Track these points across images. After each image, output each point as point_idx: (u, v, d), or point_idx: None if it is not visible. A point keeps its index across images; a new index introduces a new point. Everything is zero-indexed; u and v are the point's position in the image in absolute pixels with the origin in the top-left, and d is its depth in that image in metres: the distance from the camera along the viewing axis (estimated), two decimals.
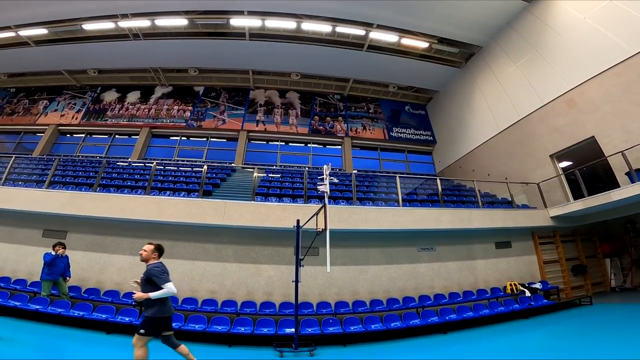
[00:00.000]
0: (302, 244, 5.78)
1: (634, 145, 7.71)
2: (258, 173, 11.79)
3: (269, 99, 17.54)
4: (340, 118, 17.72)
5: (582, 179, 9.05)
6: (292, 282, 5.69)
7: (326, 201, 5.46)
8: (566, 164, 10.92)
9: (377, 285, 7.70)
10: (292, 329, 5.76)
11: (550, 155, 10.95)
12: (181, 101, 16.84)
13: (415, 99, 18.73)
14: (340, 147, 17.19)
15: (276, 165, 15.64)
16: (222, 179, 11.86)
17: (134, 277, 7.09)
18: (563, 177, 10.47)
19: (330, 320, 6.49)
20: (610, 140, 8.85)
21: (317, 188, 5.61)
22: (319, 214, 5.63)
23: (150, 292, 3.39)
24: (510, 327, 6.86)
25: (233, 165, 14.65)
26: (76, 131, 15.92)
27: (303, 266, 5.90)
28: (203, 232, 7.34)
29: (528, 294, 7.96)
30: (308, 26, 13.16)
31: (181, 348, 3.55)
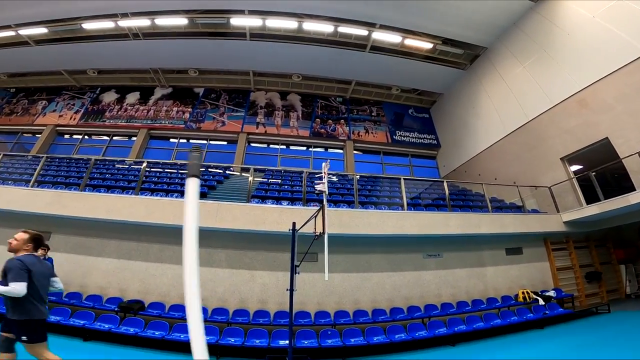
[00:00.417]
0: (300, 249, 5.32)
1: None
2: (255, 177, 11.42)
3: (269, 101, 17.26)
4: (342, 121, 17.38)
5: (592, 183, 8.76)
6: (286, 290, 5.21)
7: (325, 202, 5.02)
8: (575, 167, 10.53)
9: (380, 294, 7.23)
10: (286, 341, 5.27)
11: (562, 158, 10.53)
12: (181, 102, 16.60)
13: (418, 102, 18.38)
14: (342, 150, 16.78)
15: (276, 169, 15.20)
16: (218, 182, 11.48)
17: (120, 282, 6.79)
18: (575, 180, 10.04)
19: (329, 332, 6.00)
20: (625, 141, 8.47)
21: (315, 187, 5.16)
22: (317, 216, 5.17)
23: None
24: (525, 337, 6.39)
25: (231, 165, 14.29)
26: (74, 132, 15.70)
27: (299, 273, 5.40)
28: None
29: (542, 302, 7.56)
30: (310, 26, 12.91)
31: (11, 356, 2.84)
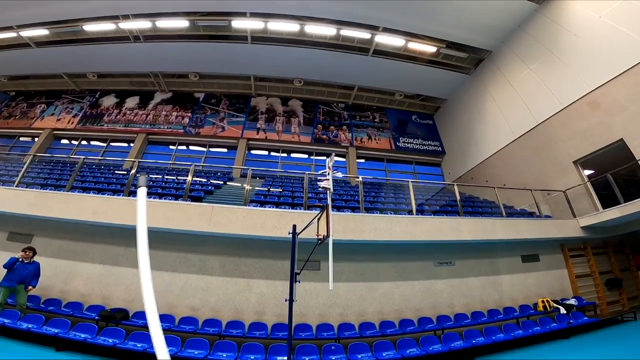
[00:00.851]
0: (300, 256, 4.80)
1: None
2: (255, 185, 11.02)
3: (270, 106, 17.01)
4: (344, 127, 17.07)
5: (608, 186, 8.39)
6: (285, 300, 4.66)
7: (329, 201, 4.51)
8: (587, 171, 10.15)
9: (387, 305, 6.69)
10: (285, 357, 4.69)
11: (574, 162, 10.13)
12: (180, 107, 16.36)
13: (422, 108, 18.10)
14: (344, 158, 16.37)
15: (276, 176, 14.76)
16: (216, 187, 11.04)
17: (104, 289, 6.27)
18: (589, 184, 9.64)
19: (333, 347, 5.41)
20: None
21: (318, 184, 4.65)
22: (320, 218, 4.66)
23: None
24: (550, 349, 5.86)
25: (230, 166, 13.88)
26: (71, 136, 15.40)
27: (299, 282, 4.84)
28: (186, 241, 6.45)
29: (563, 311, 7.13)
30: (312, 29, 12.74)
31: None
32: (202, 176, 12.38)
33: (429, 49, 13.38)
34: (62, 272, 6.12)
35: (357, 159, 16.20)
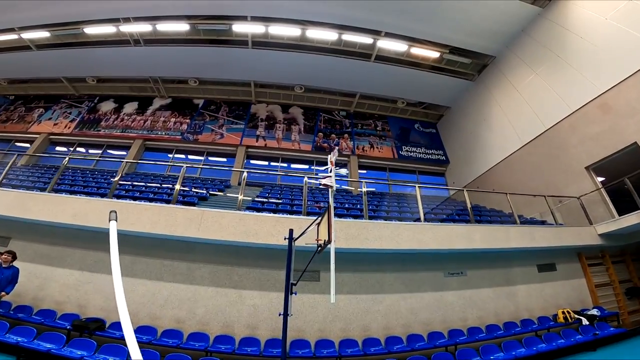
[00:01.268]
0: (298, 266, 4.28)
1: None
2: (250, 192, 10.58)
3: (271, 113, 16.77)
4: (346, 135, 16.76)
5: (621, 192, 8.16)
6: (279, 315, 4.09)
7: (331, 201, 3.96)
8: (599, 178, 9.75)
9: (394, 319, 6.12)
10: None
11: (587, 167, 9.72)
12: (179, 113, 16.11)
13: (424, 117, 17.84)
14: (346, 167, 15.97)
15: (276, 185, 14.32)
16: (212, 194, 10.61)
17: (81, 296, 5.73)
18: (603, 190, 9.20)
19: None
20: None
21: (319, 182, 4.12)
22: (320, 223, 4.13)
23: None
24: None
25: (230, 168, 13.46)
26: (67, 141, 15.10)
27: (295, 293, 4.26)
28: (173, 247, 5.96)
29: (586, 322, 6.69)
30: (313, 33, 12.61)
31: None
32: (199, 184, 11.97)
33: (432, 54, 13.20)
34: (37, 278, 5.62)
35: (359, 168, 15.79)
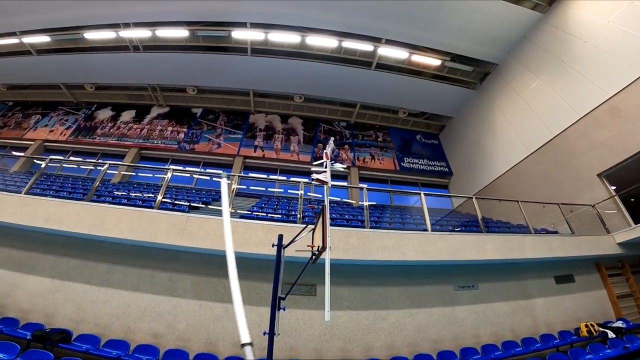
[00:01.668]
0: (291, 278, 3.65)
1: None
2: (245, 203, 10.10)
3: (269, 123, 16.52)
4: (346, 146, 16.42)
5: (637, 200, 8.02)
6: (264, 334, 3.40)
7: (326, 201, 3.44)
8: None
9: (399, 337, 5.52)
10: None
11: (598, 175, 9.27)
12: (177, 122, 15.89)
13: (426, 128, 17.57)
14: (346, 179, 15.52)
15: (273, 197, 13.85)
16: (205, 203, 10.10)
17: (48, 305, 5.14)
18: (617, 198, 8.80)
19: None
20: None
21: (312, 177, 3.60)
22: (315, 227, 3.54)
23: None
24: None
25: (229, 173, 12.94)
26: (62, 148, 14.81)
27: (284, 309, 3.53)
28: (154, 256, 5.45)
29: (612, 335, 6.24)
30: (313, 40, 12.51)
31: None
32: (193, 194, 11.51)
33: (433, 62, 13.06)
34: (3, 284, 5.12)
35: (360, 180, 15.35)
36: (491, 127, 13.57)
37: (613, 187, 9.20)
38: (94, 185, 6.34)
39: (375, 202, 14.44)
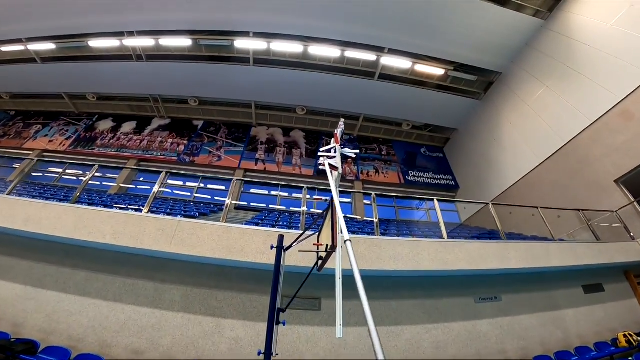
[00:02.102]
0: (291, 291, 3.01)
1: None
2: (244, 215, 9.63)
3: (271, 137, 16.34)
4: (350, 160, 16.07)
5: None
6: (259, 354, 2.71)
7: (334, 193, 2.69)
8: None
9: (415, 356, 4.91)
10: None
11: (616, 180, 8.86)
12: (177, 134, 15.75)
13: (430, 141, 17.33)
14: (350, 193, 15.05)
15: (274, 211, 13.38)
16: (202, 214, 9.67)
17: (18, 314, 4.45)
18: (637, 203, 8.37)
19: None
20: None
21: (319, 162, 2.87)
22: (323, 225, 2.84)
23: None
24: None
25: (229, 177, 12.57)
26: (60, 159, 14.54)
27: (284, 323, 2.80)
28: (139, 264, 4.93)
29: None
30: (315, 50, 12.52)
31: None
32: (190, 207, 11.08)
33: (437, 71, 13.00)
34: None
35: (364, 195, 14.88)
36: (498, 138, 13.26)
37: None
38: (81, 186, 5.94)
39: (379, 218, 13.93)
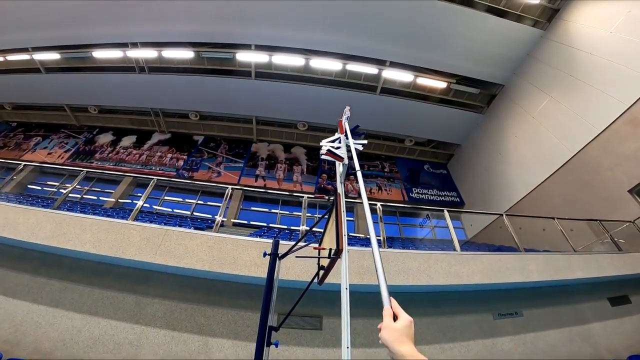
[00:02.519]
0: (287, 309, 2.52)
1: None
2: (242, 231, 9.25)
3: (272, 153, 16.21)
4: (352, 177, 15.73)
5: None
6: None
7: (339, 189, 2.30)
8: None
9: None
10: None
11: (630, 190, 8.51)
12: (177, 149, 15.63)
13: (434, 157, 17.14)
14: (352, 211, 14.68)
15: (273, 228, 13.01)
16: (198, 228, 9.24)
17: None
18: None
19: None
20: None
21: (322, 152, 2.32)
22: (326, 227, 2.31)
23: None
24: None
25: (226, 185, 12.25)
26: (57, 171, 14.33)
27: (277, 344, 2.21)
28: (121, 274, 4.53)
29: None
30: (317, 63, 12.59)
31: None
32: (186, 222, 10.75)
33: (439, 84, 13.02)
34: None
35: (369, 204, 14.51)
36: (503, 152, 13.01)
37: None
38: (66, 192, 5.61)
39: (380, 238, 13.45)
